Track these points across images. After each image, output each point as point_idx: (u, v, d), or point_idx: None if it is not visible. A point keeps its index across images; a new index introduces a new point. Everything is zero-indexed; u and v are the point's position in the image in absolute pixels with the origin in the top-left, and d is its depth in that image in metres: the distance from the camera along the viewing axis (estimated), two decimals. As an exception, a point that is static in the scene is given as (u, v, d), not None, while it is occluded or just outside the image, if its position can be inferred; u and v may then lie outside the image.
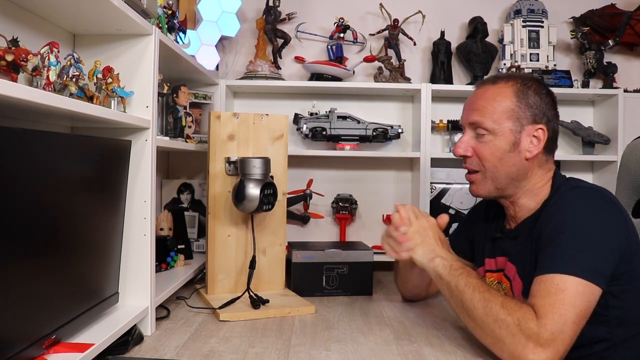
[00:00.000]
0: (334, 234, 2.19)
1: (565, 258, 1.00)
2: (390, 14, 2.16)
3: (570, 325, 0.95)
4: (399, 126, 2.07)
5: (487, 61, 2.15)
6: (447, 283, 1.12)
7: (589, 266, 0.99)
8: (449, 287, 1.11)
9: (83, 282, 1.01)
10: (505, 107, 1.15)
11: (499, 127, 1.14)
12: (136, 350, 1.10)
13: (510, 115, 1.15)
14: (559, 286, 0.97)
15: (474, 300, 1.04)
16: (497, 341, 1.00)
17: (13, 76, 0.77)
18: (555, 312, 0.95)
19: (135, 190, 1.19)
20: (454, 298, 1.10)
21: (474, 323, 1.05)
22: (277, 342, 1.16)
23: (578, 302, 0.96)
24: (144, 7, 1.16)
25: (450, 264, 1.14)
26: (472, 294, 1.05)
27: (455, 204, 2.09)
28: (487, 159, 1.16)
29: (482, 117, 1.16)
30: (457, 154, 1.20)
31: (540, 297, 0.98)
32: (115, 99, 1.10)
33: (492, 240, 1.28)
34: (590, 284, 0.97)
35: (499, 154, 1.15)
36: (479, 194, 1.22)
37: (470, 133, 1.19)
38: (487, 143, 1.16)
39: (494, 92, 1.18)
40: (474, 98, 1.21)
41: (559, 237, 1.03)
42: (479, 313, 1.03)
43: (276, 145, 1.56)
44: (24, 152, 0.77)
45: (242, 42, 2.20)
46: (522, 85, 1.17)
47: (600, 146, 2.13)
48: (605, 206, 1.07)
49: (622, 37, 2.13)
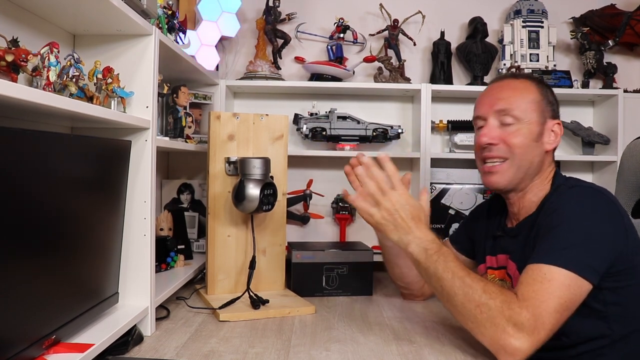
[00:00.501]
0: (334, 234, 2.19)
1: (557, 250, 1.01)
2: (390, 14, 2.16)
3: (552, 314, 0.95)
4: (399, 126, 2.07)
5: (487, 61, 2.15)
6: (425, 269, 1.09)
7: (580, 260, 0.99)
8: (427, 274, 1.10)
9: (83, 282, 1.01)
10: (531, 99, 1.19)
11: (526, 116, 1.17)
12: (136, 351, 1.10)
13: (536, 107, 1.18)
14: (546, 276, 0.98)
15: (454, 287, 1.03)
16: (478, 325, 0.99)
17: (13, 76, 0.77)
18: (537, 298, 0.96)
19: (135, 191, 1.19)
20: (434, 284, 1.09)
21: (455, 309, 1.05)
22: (277, 342, 1.16)
23: (563, 293, 0.96)
24: (144, 8, 1.16)
25: (425, 247, 1.09)
26: (452, 279, 1.04)
27: (455, 204, 2.09)
28: (517, 146, 1.16)
29: (511, 105, 1.17)
30: (483, 142, 1.18)
31: (525, 284, 0.99)
32: (115, 99, 1.10)
33: (493, 238, 1.29)
34: (579, 278, 0.98)
35: (527, 142, 1.16)
36: (498, 184, 1.19)
37: (494, 122, 1.19)
38: (514, 131, 1.16)
39: (519, 85, 1.21)
40: (497, 89, 1.21)
41: (554, 230, 1.04)
42: (459, 299, 1.02)
43: (276, 146, 1.56)
44: (24, 152, 0.77)
45: (242, 42, 2.20)
46: (542, 83, 1.23)
47: (600, 146, 2.13)
48: (603, 204, 1.08)
49: (622, 37, 2.13)
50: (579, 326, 1.03)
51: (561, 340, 1.03)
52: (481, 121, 1.22)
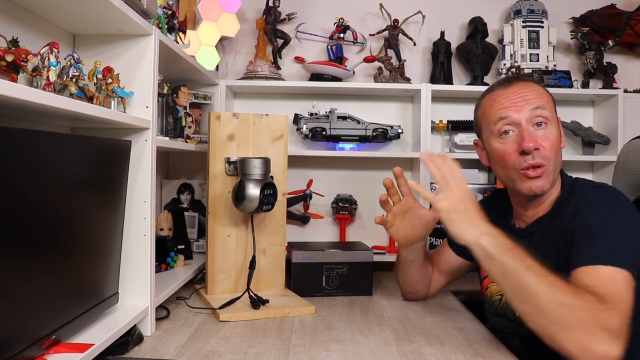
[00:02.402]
0: (334, 234, 2.19)
1: (608, 251, 0.99)
2: (390, 14, 2.16)
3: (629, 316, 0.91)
4: (399, 126, 2.07)
5: (487, 61, 2.15)
6: (501, 264, 0.98)
7: (629, 259, 0.98)
8: (503, 270, 0.98)
9: (83, 282, 1.01)
10: (550, 98, 1.19)
11: (552, 116, 1.16)
12: (136, 351, 1.10)
13: (554, 106, 1.19)
14: (612, 277, 0.95)
15: (538, 285, 0.93)
16: (564, 329, 0.89)
17: (13, 76, 0.77)
18: (620, 300, 0.92)
19: (135, 191, 1.19)
20: (510, 282, 0.97)
21: (536, 309, 0.93)
22: (277, 342, 1.16)
23: (631, 293, 0.95)
24: (144, 8, 1.16)
25: (501, 241, 1.00)
26: (536, 278, 0.94)
27: (455, 204, 2.09)
28: (551, 150, 1.13)
29: (543, 104, 1.14)
30: (529, 149, 1.10)
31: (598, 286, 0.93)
32: (115, 99, 1.10)
33: None
34: (632, 276, 0.97)
35: (556, 144, 1.15)
36: (545, 188, 1.13)
37: (528, 126, 1.13)
38: (548, 134, 1.14)
39: (534, 86, 1.19)
40: (520, 91, 1.16)
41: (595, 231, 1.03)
42: (544, 299, 0.92)
43: (276, 146, 1.56)
44: (24, 152, 0.77)
45: (242, 42, 2.20)
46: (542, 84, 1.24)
47: (600, 146, 2.13)
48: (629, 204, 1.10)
49: (622, 37, 2.13)
50: None
51: None
52: (509, 125, 1.15)
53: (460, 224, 1.05)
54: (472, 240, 1.03)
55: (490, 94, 1.22)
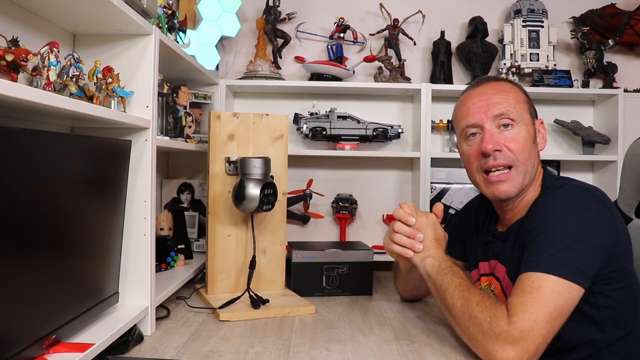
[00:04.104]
0: (334, 234, 2.19)
1: (544, 257, 0.99)
2: (390, 14, 2.16)
3: (542, 324, 0.94)
4: (399, 126, 2.07)
5: (487, 61, 2.15)
6: (434, 282, 1.14)
7: (569, 265, 0.97)
8: (435, 286, 1.14)
9: (83, 282, 1.01)
10: (521, 98, 1.17)
11: (522, 117, 1.14)
12: (136, 350, 1.10)
13: (526, 107, 1.16)
14: (535, 284, 0.97)
15: (454, 298, 1.07)
16: (472, 338, 1.02)
17: (13, 76, 0.77)
18: (526, 310, 0.95)
19: (135, 190, 1.19)
20: (439, 296, 1.13)
21: (454, 320, 1.07)
22: (277, 342, 1.16)
23: (553, 301, 0.95)
24: (144, 7, 1.16)
25: (439, 263, 1.16)
26: (453, 292, 1.07)
27: (455, 204, 2.09)
28: (520, 151, 1.11)
29: (507, 107, 1.12)
30: (488, 150, 1.11)
31: (515, 295, 0.99)
32: (115, 98, 1.10)
33: (485, 244, 1.25)
34: (569, 283, 0.96)
35: (527, 144, 1.13)
36: (509, 193, 1.13)
37: (492, 128, 1.13)
38: (515, 135, 1.12)
39: (504, 87, 1.17)
40: (486, 95, 1.15)
41: (540, 235, 1.03)
42: (456, 310, 1.06)
43: (276, 145, 1.56)
44: (24, 152, 0.77)
45: (242, 42, 2.20)
46: (518, 84, 1.21)
47: (600, 146, 2.13)
48: (591, 203, 1.05)
49: (622, 37, 2.13)
50: (574, 331, 1.01)
51: (555, 346, 1.00)
52: (474, 129, 1.15)
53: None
54: (418, 263, 1.21)
55: (461, 97, 1.22)
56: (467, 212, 1.41)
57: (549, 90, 2.05)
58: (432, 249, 1.21)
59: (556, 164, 2.17)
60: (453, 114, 1.25)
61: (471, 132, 1.17)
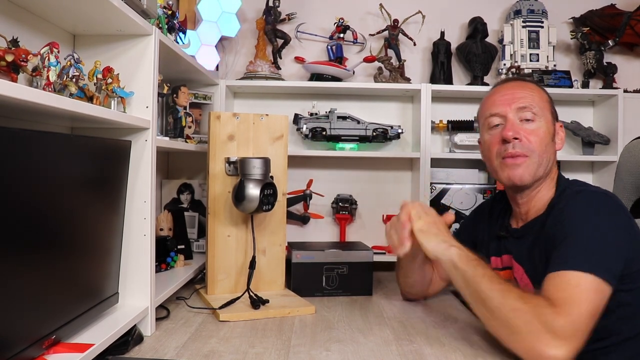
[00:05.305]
0: (334, 234, 2.19)
1: (577, 256, 1.01)
2: (390, 14, 2.16)
3: (586, 321, 0.95)
4: (399, 126, 2.07)
5: (487, 61, 2.15)
6: (463, 272, 1.09)
7: (602, 264, 0.99)
8: (464, 277, 1.09)
9: (83, 282, 1.01)
10: (545, 98, 1.23)
11: (544, 114, 1.20)
12: (136, 351, 1.10)
13: (549, 107, 1.23)
14: (572, 282, 0.97)
15: (492, 291, 1.02)
16: (513, 332, 0.98)
17: (13, 76, 0.77)
18: (572, 304, 0.95)
19: (135, 190, 1.19)
20: (469, 288, 1.08)
21: (490, 313, 1.03)
22: (277, 342, 1.16)
23: (592, 298, 0.96)
24: (144, 8, 1.16)
25: (466, 254, 1.13)
26: (489, 284, 1.04)
27: (455, 204, 2.09)
28: (537, 142, 1.17)
29: (531, 102, 1.19)
30: (509, 137, 1.17)
31: (554, 291, 0.98)
32: (115, 99, 1.10)
33: (498, 239, 1.29)
34: (602, 282, 0.98)
35: (545, 140, 1.19)
36: (524, 178, 1.17)
37: (515, 119, 1.19)
38: (536, 128, 1.18)
39: (531, 86, 1.24)
40: (513, 88, 1.23)
41: (569, 237, 1.05)
42: (495, 303, 1.01)
43: (276, 146, 1.56)
44: (24, 152, 0.77)
45: (242, 42, 2.20)
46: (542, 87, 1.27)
47: (600, 146, 2.13)
48: (613, 209, 1.10)
49: (622, 37, 2.13)
50: None
51: None
52: (498, 118, 1.22)
53: (432, 240, 1.18)
54: (442, 252, 1.15)
55: (488, 93, 1.29)
56: (480, 211, 1.46)
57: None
58: (453, 240, 1.18)
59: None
60: (479, 108, 1.31)
61: (495, 122, 1.22)
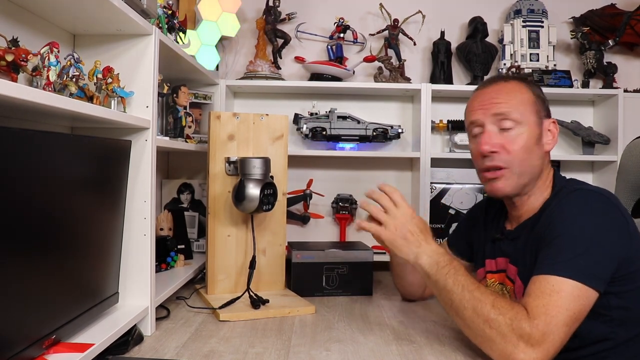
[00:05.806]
0: (334, 234, 2.19)
1: (563, 260, 0.99)
2: (390, 14, 2.16)
3: (561, 328, 0.95)
4: (399, 126, 2.07)
5: (487, 61, 2.15)
6: (435, 282, 1.09)
7: (586, 270, 0.98)
8: (437, 287, 1.09)
9: (83, 282, 1.01)
10: (527, 99, 1.15)
11: (525, 119, 1.13)
12: (136, 350, 1.10)
13: (532, 107, 1.15)
14: (554, 287, 0.97)
15: (463, 300, 1.02)
16: (487, 340, 0.99)
17: (13, 76, 0.77)
18: (547, 313, 0.95)
19: (135, 190, 1.19)
20: (442, 297, 1.08)
21: (464, 322, 1.04)
22: (277, 342, 1.16)
23: (572, 305, 0.96)
24: (144, 7, 1.16)
25: (436, 260, 1.10)
26: (462, 293, 1.03)
27: (455, 204, 2.09)
28: (517, 153, 1.12)
29: (509, 109, 1.13)
30: (485, 151, 1.13)
31: (534, 296, 0.98)
32: (115, 99, 1.10)
33: (492, 241, 1.27)
34: (586, 288, 0.97)
35: (527, 146, 1.13)
36: (504, 191, 1.15)
37: (492, 128, 1.14)
38: (515, 137, 1.12)
39: (511, 87, 1.17)
40: (491, 94, 1.17)
41: (557, 239, 1.03)
42: (468, 313, 1.01)
43: (276, 145, 1.56)
44: (24, 152, 0.77)
45: (242, 42, 2.20)
46: (530, 83, 1.20)
47: (600, 146, 2.13)
48: (606, 209, 1.06)
49: (622, 37, 2.13)
50: (584, 329, 1.01)
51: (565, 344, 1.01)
52: (477, 128, 1.17)
53: (402, 249, 1.14)
54: (413, 261, 1.13)
55: (471, 96, 1.24)
56: (475, 211, 1.43)
57: (549, 91, 2.04)
58: (423, 244, 1.13)
59: (556, 164, 2.17)
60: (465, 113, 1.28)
61: (475, 132, 1.19)
